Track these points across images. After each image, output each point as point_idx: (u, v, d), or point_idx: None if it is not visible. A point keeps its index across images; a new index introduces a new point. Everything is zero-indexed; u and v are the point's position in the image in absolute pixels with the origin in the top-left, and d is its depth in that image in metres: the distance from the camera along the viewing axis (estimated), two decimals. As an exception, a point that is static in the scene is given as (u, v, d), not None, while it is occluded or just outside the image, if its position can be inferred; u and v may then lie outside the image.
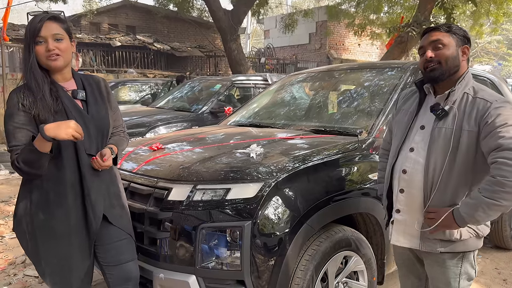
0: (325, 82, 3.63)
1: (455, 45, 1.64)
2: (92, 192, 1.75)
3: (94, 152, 1.76)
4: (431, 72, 1.64)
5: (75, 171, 1.72)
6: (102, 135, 1.82)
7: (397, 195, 1.73)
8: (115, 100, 1.97)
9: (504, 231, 3.49)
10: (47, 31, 1.65)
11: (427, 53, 1.65)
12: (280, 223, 1.89)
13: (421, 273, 1.88)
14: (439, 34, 1.64)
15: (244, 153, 2.23)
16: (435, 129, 1.63)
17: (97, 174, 1.78)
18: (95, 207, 1.76)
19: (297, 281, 1.92)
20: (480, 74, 3.57)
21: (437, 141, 1.61)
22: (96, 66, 13.67)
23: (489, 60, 25.75)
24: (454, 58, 1.63)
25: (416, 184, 1.67)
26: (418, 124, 1.72)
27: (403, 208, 1.72)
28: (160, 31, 17.10)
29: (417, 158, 1.67)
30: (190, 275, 1.86)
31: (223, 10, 11.56)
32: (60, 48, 1.68)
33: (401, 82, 2.74)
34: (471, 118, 1.57)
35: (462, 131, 1.57)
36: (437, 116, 1.63)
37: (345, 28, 16.58)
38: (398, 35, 9.06)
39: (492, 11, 12.12)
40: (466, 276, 1.71)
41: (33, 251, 1.76)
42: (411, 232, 1.71)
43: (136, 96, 9.36)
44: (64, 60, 1.71)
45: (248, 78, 6.69)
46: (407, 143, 1.73)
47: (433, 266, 1.74)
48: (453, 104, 1.62)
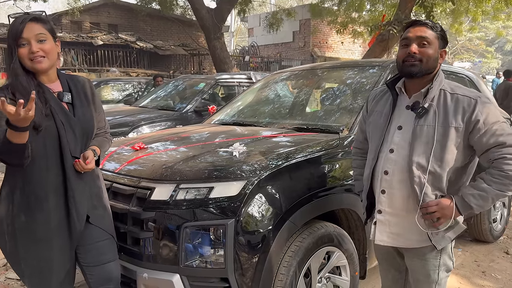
0: (308, 80, 3.66)
1: (437, 47, 1.66)
2: (76, 194, 1.74)
3: (79, 154, 1.75)
4: (410, 67, 1.63)
5: (58, 173, 1.71)
6: (87, 137, 1.81)
7: (378, 196, 1.74)
8: (99, 101, 1.95)
9: (483, 224, 3.58)
10: (30, 33, 1.62)
11: (411, 47, 1.63)
12: (263, 220, 1.91)
13: (401, 266, 1.92)
14: (427, 31, 1.64)
15: (227, 151, 2.24)
16: (416, 127, 1.64)
17: (80, 176, 1.77)
18: (79, 209, 1.75)
19: (280, 277, 1.95)
20: (459, 71, 3.66)
21: (420, 139, 1.63)
22: (78, 65, 13.46)
23: (470, 57, 26.29)
24: (434, 59, 1.65)
25: (399, 185, 1.68)
26: (395, 125, 1.72)
27: (385, 209, 1.73)
28: (142, 29, 16.92)
29: (398, 159, 1.68)
30: (174, 274, 1.86)
31: (207, 8, 11.51)
32: (44, 49, 1.65)
33: (380, 80, 2.79)
34: (457, 115, 1.59)
35: (449, 127, 1.59)
36: (418, 114, 1.64)
37: (328, 26, 16.70)
38: (379, 33, 9.17)
39: (471, 9, 12.37)
40: (444, 268, 1.76)
41: (11, 252, 1.74)
42: (394, 231, 1.73)
43: (119, 95, 9.26)
44: (49, 61, 1.68)
45: (232, 76, 6.69)
46: (385, 144, 1.73)
47: (413, 259, 1.78)
48: (431, 102, 1.64)
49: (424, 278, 1.77)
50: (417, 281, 1.80)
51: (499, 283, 3.03)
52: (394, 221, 1.73)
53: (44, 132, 1.64)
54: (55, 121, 1.67)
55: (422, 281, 1.78)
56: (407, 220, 1.69)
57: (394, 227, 1.73)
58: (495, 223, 3.71)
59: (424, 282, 1.78)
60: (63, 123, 1.69)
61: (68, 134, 1.71)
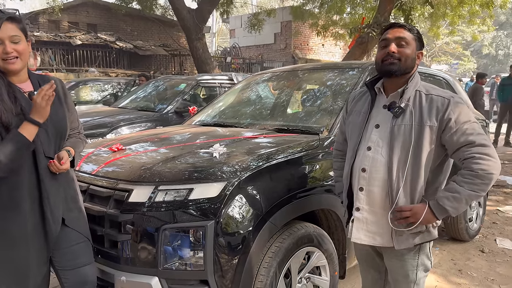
0: (290, 82, 3.67)
1: (415, 48, 1.71)
2: (51, 196, 1.70)
3: (53, 154, 1.72)
4: (390, 65, 1.67)
5: (32, 174, 1.67)
6: (61, 137, 1.78)
7: (356, 193, 1.76)
8: (72, 102, 1.93)
9: (460, 223, 3.66)
10: (4, 33, 1.60)
11: (390, 47, 1.67)
12: (244, 221, 1.90)
13: (380, 266, 1.94)
14: (405, 33, 1.69)
15: (207, 152, 2.22)
16: (394, 127, 1.67)
17: (55, 177, 1.73)
18: (54, 211, 1.71)
19: (260, 278, 1.94)
20: (436, 73, 3.73)
21: (398, 138, 1.66)
22: (56, 65, 13.17)
23: (447, 59, 26.90)
24: (412, 59, 1.69)
25: (377, 182, 1.70)
26: (373, 124, 1.76)
27: (363, 206, 1.75)
28: (122, 29, 16.69)
29: (375, 156, 1.71)
30: (152, 276, 1.84)
31: (187, 8, 11.43)
32: (18, 50, 1.63)
33: (360, 81, 2.82)
34: (431, 114, 1.63)
35: (424, 126, 1.63)
36: (394, 114, 1.68)
37: (310, 29, 16.82)
38: (359, 36, 9.29)
39: (448, 14, 12.66)
40: (422, 268, 1.78)
41: None
42: (372, 230, 1.75)
43: (98, 96, 9.10)
44: (22, 62, 1.67)
45: (213, 77, 6.66)
46: (363, 142, 1.76)
47: (391, 260, 1.81)
48: (408, 102, 1.68)
49: (402, 278, 1.79)
50: (396, 281, 1.82)
51: (475, 281, 3.10)
52: (371, 219, 1.74)
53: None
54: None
55: (401, 281, 1.80)
56: (385, 218, 1.70)
57: (371, 225, 1.75)
58: (471, 222, 3.79)
59: (402, 282, 1.80)
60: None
61: (41, 134, 1.67)
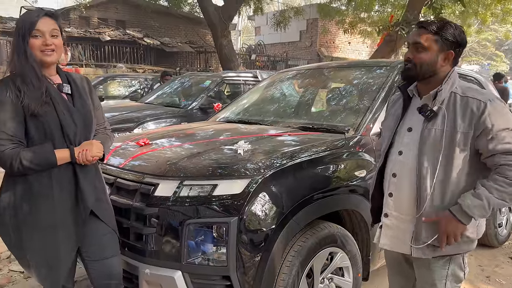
0: (315, 80, 3.64)
1: (437, 51, 1.62)
2: (85, 184, 1.76)
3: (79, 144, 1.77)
4: (406, 70, 1.66)
5: (68, 165, 1.73)
6: (88, 128, 1.83)
7: (386, 199, 1.72)
8: (97, 98, 1.99)
9: (488, 229, 3.54)
10: (45, 26, 1.68)
11: (406, 53, 1.67)
12: (267, 219, 1.89)
13: (409, 273, 1.87)
14: (424, 37, 1.61)
15: (231, 149, 2.23)
16: (424, 131, 1.62)
17: (87, 169, 1.79)
18: (87, 199, 1.76)
19: (282, 277, 1.94)
20: (467, 74, 3.62)
21: (428, 143, 1.60)
22: (85, 60, 13.51)
23: (478, 60, 26.09)
24: (429, 64, 1.62)
25: (406, 188, 1.65)
26: (406, 127, 1.70)
27: (391, 212, 1.70)
28: (150, 26, 16.95)
29: (406, 161, 1.66)
30: (176, 270, 1.86)
31: (214, 6, 11.51)
32: (55, 44, 1.71)
33: (388, 80, 2.77)
34: (465, 118, 1.55)
35: (456, 132, 1.55)
36: (426, 117, 1.62)
37: (336, 26, 16.64)
38: (387, 34, 9.12)
39: (480, 12, 12.27)
40: (453, 278, 1.70)
41: (16, 245, 1.74)
42: (399, 237, 1.70)
43: (125, 91, 9.28)
44: (57, 56, 1.74)
45: (238, 74, 6.68)
46: (395, 146, 1.72)
47: (420, 268, 1.74)
48: (441, 104, 1.60)
49: (429, 287, 1.72)
50: None
51: (503, 288, 3.00)
52: (399, 226, 1.70)
53: (44, 118, 1.67)
54: (56, 110, 1.70)
55: None
56: (412, 225, 1.65)
57: (399, 232, 1.70)
58: (500, 228, 3.67)
59: None
60: (63, 112, 1.72)
61: (69, 123, 1.73)
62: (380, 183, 1.79)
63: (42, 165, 1.66)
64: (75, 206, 1.76)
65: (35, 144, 1.67)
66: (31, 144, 1.67)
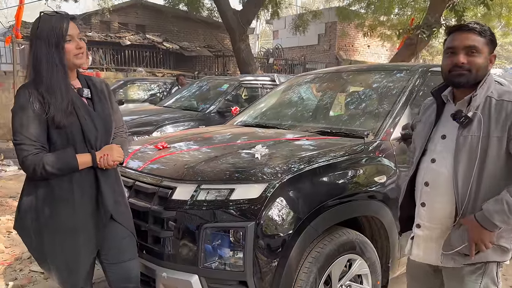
0: (333, 83, 3.61)
1: (488, 53, 1.55)
2: (105, 188, 1.78)
3: (99, 149, 1.78)
4: (458, 77, 1.54)
5: (90, 169, 1.75)
6: (108, 132, 1.85)
7: (418, 208, 1.66)
8: (115, 102, 2.01)
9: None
10: (74, 30, 1.71)
11: (459, 58, 1.53)
12: (284, 224, 1.88)
13: (434, 285, 1.77)
14: (475, 39, 1.53)
15: (249, 153, 2.22)
16: (460, 138, 1.54)
17: (107, 173, 1.81)
18: (107, 202, 1.78)
19: (300, 283, 1.91)
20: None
21: (463, 150, 1.52)
22: (106, 64, 13.76)
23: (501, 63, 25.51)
24: (484, 68, 1.54)
25: (440, 198, 1.59)
26: (439, 134, 1.63)
27: (424, 223, 1.64)
28: (169, 30, 17.15)
29: (440, 169, 1.59)
30: (193, 274, 1.86)
31: (233, 10, 11.56)
32: (83, 47, 1.75)
33: (409, 84, 2.71)
34: (498, 122, 1.48)
35: (490, 137, 1.49)
36: (461, 124, 1.54)
37: (355, 29, 16.51)
38: (408, 37, 9.00)
39: (503, 14, 11.99)
40: None
41: (37, 248, 1.76)
42: (432, 248, 1.64)
43: (145, 95, 9.41)
44: (85, 58, 1.78)
45: (256, 78, 6.69)
46: (428, 154, 1.65)
47: (451, 280, 1.66)
48: (476, 110, 1.53)
49: None
50: None
51: (529, 300, 2.90)
52: (432, 236, 1.63)
53: (67, 127, 1.69)
54: (77, 115, 1.72)
55: None
56: (446, 235, 1.59)
57: (432, 243, 1.63)
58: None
59: None
60: (84, 117, 1.74)
61: (90, 128, 1.75)
62: (410, 192, 1.72)
63: (64, 170, 1.68)
64: (96, 210, 1.77)
65: (58, 149, 1.69)
66: (53, 149, 1.69)
